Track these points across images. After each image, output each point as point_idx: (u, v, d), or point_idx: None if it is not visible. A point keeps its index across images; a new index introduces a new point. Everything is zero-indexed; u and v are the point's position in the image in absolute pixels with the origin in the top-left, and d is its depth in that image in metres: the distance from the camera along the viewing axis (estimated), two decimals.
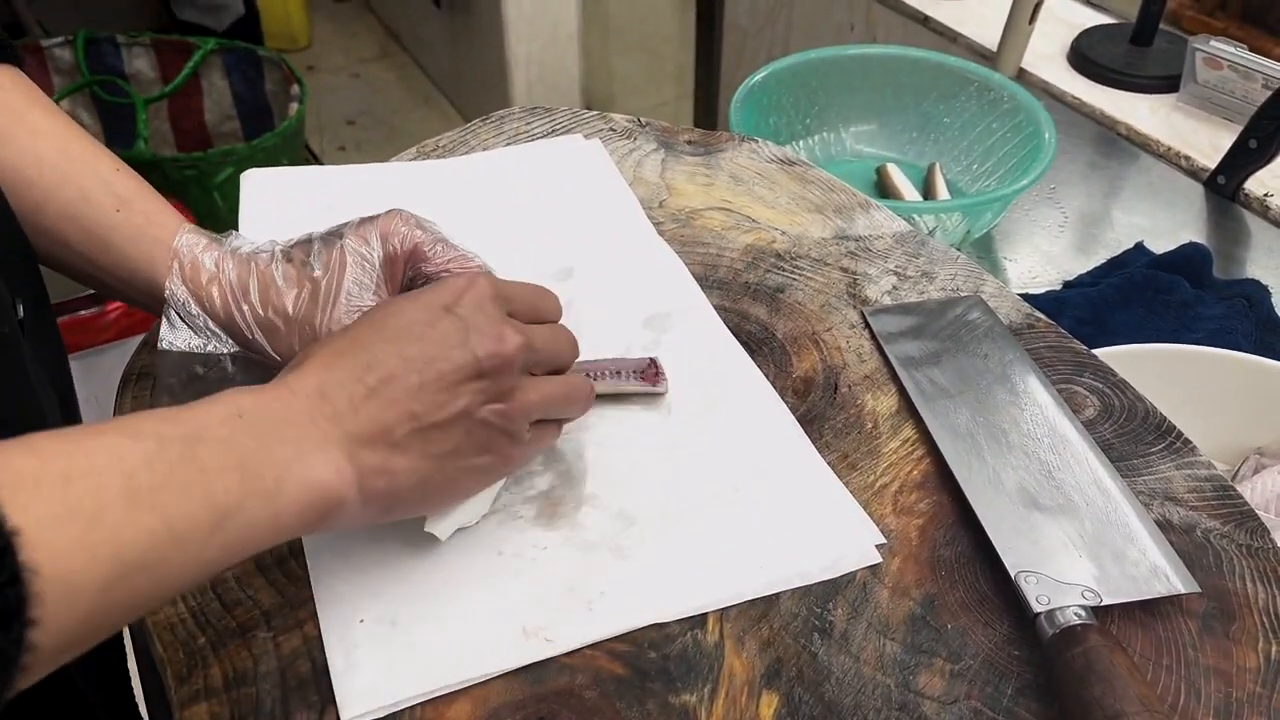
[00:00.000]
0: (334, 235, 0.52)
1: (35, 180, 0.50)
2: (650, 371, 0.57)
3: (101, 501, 0.31)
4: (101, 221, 0.51)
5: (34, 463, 0.31)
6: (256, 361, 0.52)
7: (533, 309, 0.48)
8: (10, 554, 0.28)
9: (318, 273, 0.50)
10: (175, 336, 0.50)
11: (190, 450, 0.35)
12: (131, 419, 0.36)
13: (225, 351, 0.51)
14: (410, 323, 0.43)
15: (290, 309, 0.50)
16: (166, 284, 0.50)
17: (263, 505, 0.36)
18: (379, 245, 0.51)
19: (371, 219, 0.52)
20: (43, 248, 0.51)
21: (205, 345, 0.51)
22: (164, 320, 0.51)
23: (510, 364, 0.44)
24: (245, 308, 0.50)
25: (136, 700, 0.56)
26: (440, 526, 0.47)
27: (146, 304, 0.52)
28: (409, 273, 0.52)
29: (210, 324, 0.51)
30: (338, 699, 0.43)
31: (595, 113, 0.80)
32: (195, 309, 0.50)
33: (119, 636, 0.49)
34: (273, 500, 0.37)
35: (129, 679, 0.55)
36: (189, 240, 0.51)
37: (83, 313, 1.46)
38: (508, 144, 0.77)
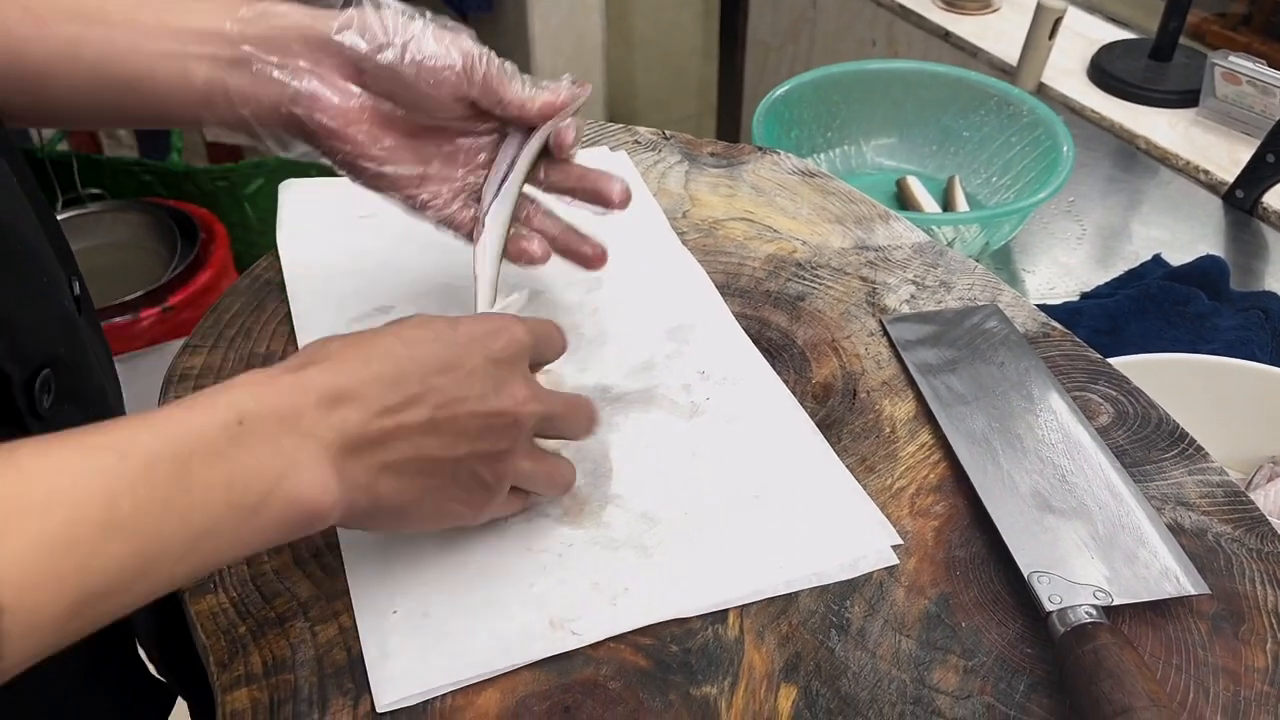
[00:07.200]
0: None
1: (66, 30, 0.48)
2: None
3: (78, 532, 0.31)
4: (130, 25, 0.49)
5: (17, 488, 0.30)
6: None
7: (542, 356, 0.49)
8: None
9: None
10: None
11: (179, 470, 0.34)
12: (129, 427, 0.35)
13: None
14: (443, 351, 0.43)
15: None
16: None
17: (241, 521, 0.36)
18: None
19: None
20: (85, 105, 0.49)
21: None
22: None
23: (519, 428, 0.45)
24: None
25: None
26: None
27: (205, 92, 0.49)
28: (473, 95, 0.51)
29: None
30: (372, 686, 0.44)
31: (620, 125, 0.82)
32: None
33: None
34: (252, 517, 0.37)
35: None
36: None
37: (117, 319, 1.48)
38: None
